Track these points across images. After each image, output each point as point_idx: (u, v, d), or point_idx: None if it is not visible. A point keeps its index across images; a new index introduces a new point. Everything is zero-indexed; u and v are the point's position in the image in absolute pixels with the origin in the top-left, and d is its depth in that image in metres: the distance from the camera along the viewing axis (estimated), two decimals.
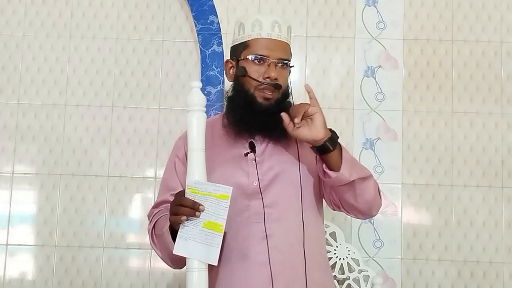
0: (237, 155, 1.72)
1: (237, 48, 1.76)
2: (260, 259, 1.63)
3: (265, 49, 1.71)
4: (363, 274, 2.59)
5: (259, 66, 1.70)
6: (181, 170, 1.75)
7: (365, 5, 2.87)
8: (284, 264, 1.65)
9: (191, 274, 1.50)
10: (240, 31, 1.76)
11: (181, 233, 1.51)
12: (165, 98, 2.90)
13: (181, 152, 1.78)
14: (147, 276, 2.80)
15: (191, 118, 1.58)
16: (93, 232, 2.82)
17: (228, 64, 1.80)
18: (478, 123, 2.81)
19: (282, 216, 1.68)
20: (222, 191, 1.50)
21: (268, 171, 1.70)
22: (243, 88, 1.71)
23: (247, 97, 1.70)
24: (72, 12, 2.93)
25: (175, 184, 1.75)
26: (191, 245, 1.49)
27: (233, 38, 1.84)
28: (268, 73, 1.69)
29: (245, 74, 1.70)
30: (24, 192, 2.84)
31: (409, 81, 2.83)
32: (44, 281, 2.79)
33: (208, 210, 1.49)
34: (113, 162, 2.85)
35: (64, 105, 2.88)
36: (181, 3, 2.94)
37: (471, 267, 2.74)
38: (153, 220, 1.71)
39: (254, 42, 1.72)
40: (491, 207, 2.77)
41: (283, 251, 1.65)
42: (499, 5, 2.87)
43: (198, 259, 1.50)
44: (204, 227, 1.49)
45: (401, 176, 2.77)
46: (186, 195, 1.51)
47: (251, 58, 1.71)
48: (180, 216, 1.49)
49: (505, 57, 2.84)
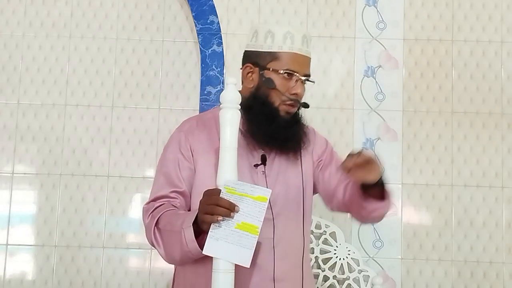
0: (247, 165, 1.69)
1: (262, 55, 1.70)
2: (266, 270, 1.64)
3: (296, 64, 1.69)
4: (363, 274, 2.59)
5: (287, 80, 1.68)
6: (185, 166, 1.69)
7: (365, 5, 2.87)
8: (287, 276, 1.67)
9: (217, 275, 1.46)
10: (268, 39, 1.70)
11: (212, 232, 1.46)
12: (165, 98, 2.90)
13: (184, 147, 1.70)
14: (147, 276, 2.80)
15: (225, 115, 1.52)
16: (93, 232, 2.82)
17: (247, 68, 1.73)
18: (478, 123, 2.80)
19: (287, 229, 1.70)
20: (260, 193, 1.48)
21: (276, 184, 1.70)
22: (267, 99, 1.69)
23: (272, 110, 1.68)
24: (72, 12, 2.93)
25: (179, 181, 1.68)
26: (222, 246, 1.45)
27: (253, 42, 1.74)
28: (296, 90, 1.69)
29: (274, 87, 1.67)
30: (24, 192, 2.84)
31: (409, 81, 2.83)
32: (44, 281, 2.79)
33: (243, 211, 1.46)
34: (113, 162, 2.85)
35: (64, 105, 2.88)
36: (181, 3, 2.94)
37: (471, 267, 2.74)
38: (155, 215, 1.64)
39: (286, 56, 1.69)
40: (491, 207, 2.77)
41: (286, 263, 1.67)
42: (499, 5, 2.87)
43: (230, 260, 1.46)
44: (238, 228, 1.45)
45: (401, 176, 2.77)
46: (221, 194, 1.48)
47: (281, 72, 1.68)
48: (216, 216, 1.45)
49: (505, 57, 2.84)
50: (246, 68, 1.73)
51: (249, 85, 1.72)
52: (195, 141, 1.70)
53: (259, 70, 1.70)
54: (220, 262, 1.46)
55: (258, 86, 1.70)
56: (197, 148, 1.69)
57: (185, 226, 1.52)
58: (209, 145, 1.68)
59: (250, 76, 1.72)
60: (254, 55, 1.72)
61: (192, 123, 1.76)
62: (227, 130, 1.52)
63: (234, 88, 1.53)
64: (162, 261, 2.83)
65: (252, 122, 1.69)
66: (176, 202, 1.67)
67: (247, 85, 1.73)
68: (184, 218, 1.55)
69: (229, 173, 1.51)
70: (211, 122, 1.72)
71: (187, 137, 1.71)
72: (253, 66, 1.71)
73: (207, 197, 1.50)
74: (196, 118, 1.80)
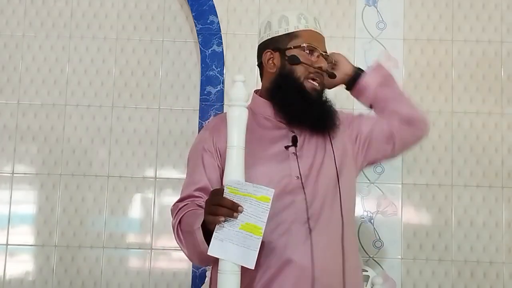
0: (277, 149, 1.69)
1: (281, 39, 1.75)
2: (303, 261, 1.60)
3: (314, 40, 1.75)
4: (363, 274, 2.58)
5: (309, 55, 1.73)
6: (209, 163, 1.68)
7: (365, 5, 2.87)
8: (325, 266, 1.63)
9: (223, 277, 1.44)
10: (282, 23, 1.76)
11: (216, 233, 1.44)
12: (165, 98, 2.90)
13: (208, 144, 1.70)
14: (147, 276, 2.80)
15: (233, 113, 1.49)
16: (93, 232, 2.82)
17: (268, 54, 1.76)
18: (478, 123, 2.81)
19: (323, 212, 1.66)
20: (263, 193, 1.44)
21: (308, 165, 1.68)
22: (292, 75, 1.72)
23: (298, 85, 1.72)
24: (72, 12, 2.93)
25: (201, 178, 1.67)
26: (227, 246, 1.43)
27: (267, 33, 1.79)
28: (319, 63, 1.74)
29: (299, 61, 1.71)
30: (24, 192, 2.85)
31: (409, 81, 2.83)
32: (44, 281, 2.79)
33: (247, 211, 1.43)
34: (113, 162, 2.85)
35: (64, 105, 2.88)
36: (181, 3, 2.95)
37: (472, 267, 2.74)
38: (178, 215, 1.63)
39: (304, 33, 1.74)
40: (491, 207, 2.77)
41: (324, 251, 1.64)
42: (499, 5, 2.87)
43: (234, 261, 1.43)
44: (242, 229, 1.43)
45: (401, 176, 2.77)
46: (224, 194, 1.45)
47: (304, 46, 1.72)
48: (218, 216, 1.43)
49: (505, 57, 2.84)
50: (266, 54, 1.76)
51: (272, 69, 1.75)
52: (221, 138, 1.67)
53: (280, 52, 1.74)
54: (227, 263, 1.44)
55: (282, 66, 1.74)
56: (224, 145, 1.64)
57: (196, 227, 1.52)
58: None
59: (271, 61, 1.75)
60: (271, 42, 1.76)
61: (217, 120, 1.76)
62: (234, 128, 1.49)
63: (242, 85, 1.51)
64: (162, 261, 2.85)
65: (282, 100, 1.71)
66: (200, 201, 1.65)
67: (270, 70, 1.76)
68: (198, 217, 1.53)
69: (236, 172, 1.48)
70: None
71: (212, 135, 1.70)
72: (273, 51, 1.75)
73: (211, 196, 1.49)
74: (220, 116, 1.79)
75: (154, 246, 2.81)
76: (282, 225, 1.62)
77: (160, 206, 2.84)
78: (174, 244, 2.90)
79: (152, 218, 2.83)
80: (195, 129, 2.84)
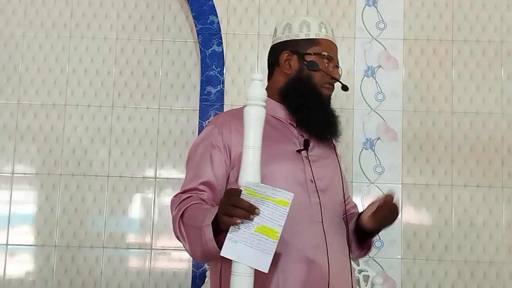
0: (290, 151, 1.70)
1: (301, 42, 1.77)
2: (321, 262, 1.62)
3: (332, 51, 1.79)
4: (363, 274, 2.58)
5: (327, 64, 1.77)
6: (217, 159, 1.66)
7: (365, 5, 2.87)
8: (338, 267, 1.66)
9: (236, 279, 1.41)
10: (304, 27, 1.77)
11: (230, 234, 1.41)
12: (165, 98, 2.90)
13: (217, 140, 1.68)
14: (147, 276, 2.80)
15: (249, 113, 1.46)
16: (93, 232, 2.82)
17: (285, 55, 1.77)
18: (478, 123, 2.80)
19: (334, 216, 1.71)
20: (282, 197, 1.41)
21: (320, 170, 1.71)
22: (311, 81, 1.74)
23: (316, 90, 1.74)
24: (72, 12, 2.93)
25: (207, 173, 1.66)
26: (241, 248, 1.40)
27: (286, 34, 1.79)
28: (335, 74, 1.78)
29: (318, 68, 1.74)
30: (24, 192, 2.84)
31: (409, 81, 2.83)
32: (44, 281, 2.79)
33: (264, 214, 1.40)
34: (113, 162, 2.85)
35: (64, 105, 2.88)
36: (181, 3, 2.94)
37: (472, 267, 2.74)
38: (181, 207, 1.60)
39: (325, 42, 1.78)
40: (491, 207, 2.77)
41: (337, 253, 1.67)
42: (499, 5, 2.87)
43: (248, 264, 1.40)
44: (257, 232, 1.40)
45: (401, 176, 2.77)
46: (241, 196, 1.42)
47: (324, 54, 1.76)
48: (234, 218, 1.40)
49: (505, 57, 2.84)
50: (284, 55, 1.77)
51: (288, 71, 1.77)
52: (231, 134, 1.67)
53: (299, 56, 1.76)
54: (240, 265, 1.41)
55: (300, 70, 1.75)
56: (235, 140, 1.66)
57: (204, 224, 1.49)
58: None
59: (288, 63, 1.77)
60: (290, 43, 1.78)
61: (225, 116, 1.75)
62: (250, 128, 1.46)
63: (260, 84, 1.48)
64: (162, 261, 2.85)
65: (299, 103, 1.72)
66: (204, 195, 1.64)
67: (286, 71, 1.77)
68: (206, 214, 1.51)
69: (252, 174, 1.45)
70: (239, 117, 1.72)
71: (221, 131, 1.69)
72: (291, 53, 1.76)
73: (228, 197, 1.45)
74: (228, 113, 1.80)
75: (154, 246, 2.81)
76: (299, 225, 1.63)
77: (160, 206, 2.84)
78: (174, 244, 2.93)
79: (152, 218, 2.83)
80: (195, 129, 2.84)
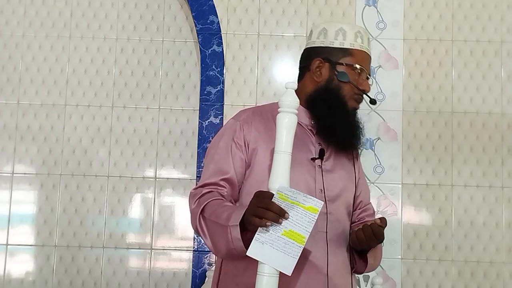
0: (305, 158, 1.69)
1: (334, 51, 1.74)
2: (320, 268, 1.64)
3: (365, 62, 1.76)
4: (363, 274, 2.58)
5: (358, 76, 1.73)
6: (237, 156, 1.67)
7: (365, 5, 2.86)
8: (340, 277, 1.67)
9: (261, 278, 1.45)
10: (339, 36, 1.75)
11: (258, 235, 1.45)
12: (165, 98, 2.90)
13: (238, 137, 1.69)
14: (147, 276, 2.80)
15: (282, 120, 1.52)
16: (93, 232, 2.82)
17: (317, 62, 1.75)
18: (478, 123, 2.80)
19: (340, 227, 1.71)
20: (311, 204, 1.46)
21: (332, 181, 1.71)
22: (339, 92, 1.72)
23: (344, 102, 1.72)
24: (71, 12, 2.93)
25: (229, 169, 1.67)
26: (267, 250, 1.44)
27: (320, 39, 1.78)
28: (366, 86, 1.75)
29: (348, 80, 1.72)
30: (24, 192, 2.85)
31: (409, 81, 2.83)
32: (44, 281, 2.79)
33: (292, 219, 1.45)
34: (113, 162, 2.85)
35: (64, 105, 2.88)
36: (181, 3, 2.94)
37: (472, 267, 2.74)
38: (201, 201, 1.62)
39: (358, 53, 1.74)
40: (492, 207, 2.77)
41: (338, 263, 1.68)
42: (499, 5, 2.86)
43: (272, 265, 1.44)
44: (284, 235, 1.44)
45: (401, 176, 2.77)
46: (273, 199, 1.47)
47: (357, 67, 1.73)
48: (264, 220, 1.44)
49: (505, 57, 2.84)
50: (316, 62, 1.75)
51: (318, 78, 1.75)
52: (251, 132, 1.69)
53: (330, 64, 1.74)
54: (265, 265, 1.45)
55: (330, 79, 1.73)
56: (253, 138, 1.68)
57: (231, 223, 1.51)
58: (268, 136, 1.67)
59: (319, 70, 1.75)
60: (324, 51, 1.75)
61: (248, 113, 1.75)
62: (283, 134, 1.51)
63: (293, 93, 1.53)
64: (162, 261, 2.85)
65: (325, 113, 1.70)
66: (224, 191, 1.65)
67: (316, 78, 1.75)
68: (230, 212, 1.53)
69: (282, 178, 1.50)
70: (268, 114, 1.73)
71: (242, 127, 1.70)
72: (323, 60, 1.74)
73: (259, 199, 1.49)
74: (252, 110, 1.80)
75: (154, 246, 2.81)
76: None
77: (160, 206, 2.84)
78: (174, 244, 2.92)
79: (152, 218, 2.83)
80: (195, 129, 2.84)
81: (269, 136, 1.64)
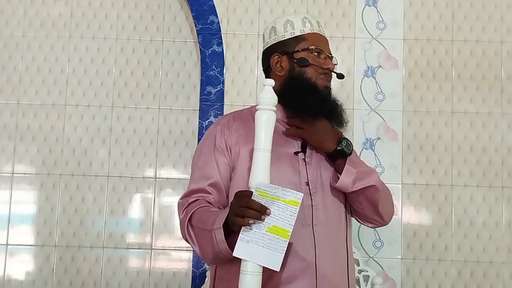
0: (287, 153, 1.70)
1: (287, 42, 1.76)
2: (308, 260, 1.63)
3: (320, 43, 1.78)
4: (363, 274, 2.59)
5: (317, 57, 1.75)
6: (221, 161, 1.69)
7: (365, 5, 2.87)
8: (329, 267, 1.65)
9: (244, 277, 1.45)
10: (288, 27, 1.77)
11: (242, 235, 1.45)
12: (165, 98, 2.90)
13: (220, 142, 1.71)
14: (147, 276, 2.80)
15: (261, 117, 1.53)
16: (93, 232, 2.82)
17: (276, 58, 1.77)
18: (478, 123, 2.81)
19: (330, 218, 1.69)
20: (292, 197, 1.46)
21: (316, 173, 1.71)
22: (303, 76, 1.73)
23: (311, 84, 1.73)
24: (71, 12, 2.93)
25: (214, 174, 1.68)
26: (253, 248, 1.44)
27: (272, 38, 1.80)
28: (328, 65, 1.76)
29: (308, 63, 1.73)
30: (24, 192, 2.84)
31: (409, 81, 2.83)
32: (44, 281, 2.79)
33: (274, 214, 1.45)
34: (112, 162, 2.85)
35: (64, 105, 2.88)
36: (181, 3, 2.94)
37: (471, 267, 2.74)
38: (188, 210, 1.63)
39: (311, 36, 1.77)
40: (491, 207, 2.77)
41: (328, 254, 1.66)
42: (499, 5, 2.87)
43: (260, 263, 1.44)
44: (268, 231, 1.44)
45: (401, 176, 2.77)
46: (253, 197, 1.47)
47: (312, 48, 1.74)
48: (246, 218, 1.44)
49: (505, 57, 2.84)
50: (274, 58, 1.77)
51: (280, 73, 1.76)
52: (232, 135, 1.71)
53: (288, 56, 1.75)
54: (248, 264, 1.45)
55: (291, 69, 1.75)
56: (235, 141, 1.70)
57: (215, 227, 1.52)
58: (249, 137, 1.67)
59: (279, 65, 1.77)
60: (278, 45, 1.78)
61: (228, 117, 1.78)
62: (261, 131, 1.52)
63: (271, 90, 1.54)
64: (162, 261, 2.85)
65: (294, 98, 1.71)
66: (210, 198, 1.66)
67: (278, 73, 1.76)
68: (215, 217, 1.54)
69: (262, 175, 1.50)
70: (248, 117, 1.76)
71: (223, 131, 1.72)
72: (281, 54, 1.76)
73: (238, 198, 1.50)
74: (232, 114, 1.82)
75: (154, 246, 2.81)
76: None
77: (160, 206, 2.84)
78: (174, 244, 2.93)
79: (152, 218, 2.83)
80: (195, 129, 2.84)
81: (251, 137, 1.64)
